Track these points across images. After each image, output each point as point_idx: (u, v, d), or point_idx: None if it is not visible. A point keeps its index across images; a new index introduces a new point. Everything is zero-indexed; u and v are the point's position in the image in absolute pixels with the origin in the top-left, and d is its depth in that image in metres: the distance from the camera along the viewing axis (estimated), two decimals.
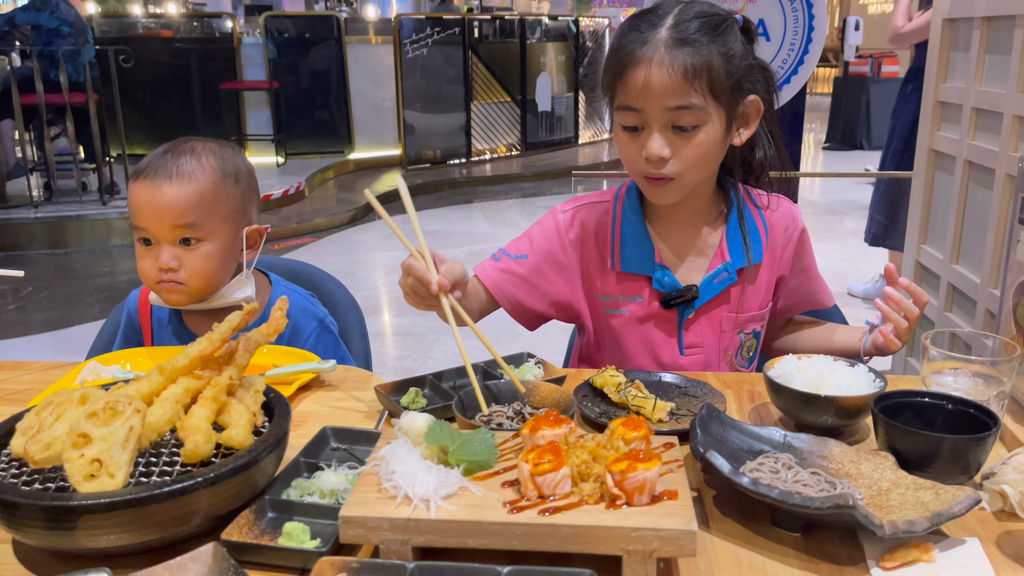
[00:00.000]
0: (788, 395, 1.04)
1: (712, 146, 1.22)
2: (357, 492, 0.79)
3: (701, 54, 1.16)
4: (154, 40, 7.99)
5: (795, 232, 1.39)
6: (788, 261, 1.39)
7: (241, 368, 0.92)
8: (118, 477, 0.76)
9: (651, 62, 1.16)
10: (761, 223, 1.36)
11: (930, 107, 1.95)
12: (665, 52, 1.16)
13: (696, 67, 1.16)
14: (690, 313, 1.34)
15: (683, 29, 1.17)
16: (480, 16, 9.08)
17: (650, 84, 1.16)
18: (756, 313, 1.37)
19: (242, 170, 1.39)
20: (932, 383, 1.05)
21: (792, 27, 2.09)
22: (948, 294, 1.86)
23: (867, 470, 0.90)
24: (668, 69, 1.15)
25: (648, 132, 1.20)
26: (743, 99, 1.23)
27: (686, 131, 1.19)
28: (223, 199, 1.34)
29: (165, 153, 1.33)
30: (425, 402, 1.11)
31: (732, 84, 1.19)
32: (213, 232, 1.32)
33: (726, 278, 1.33)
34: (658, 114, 1.18)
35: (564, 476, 0.79)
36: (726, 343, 1.36)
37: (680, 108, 1.17)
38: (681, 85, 1.16)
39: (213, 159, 1.34)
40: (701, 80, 1.16)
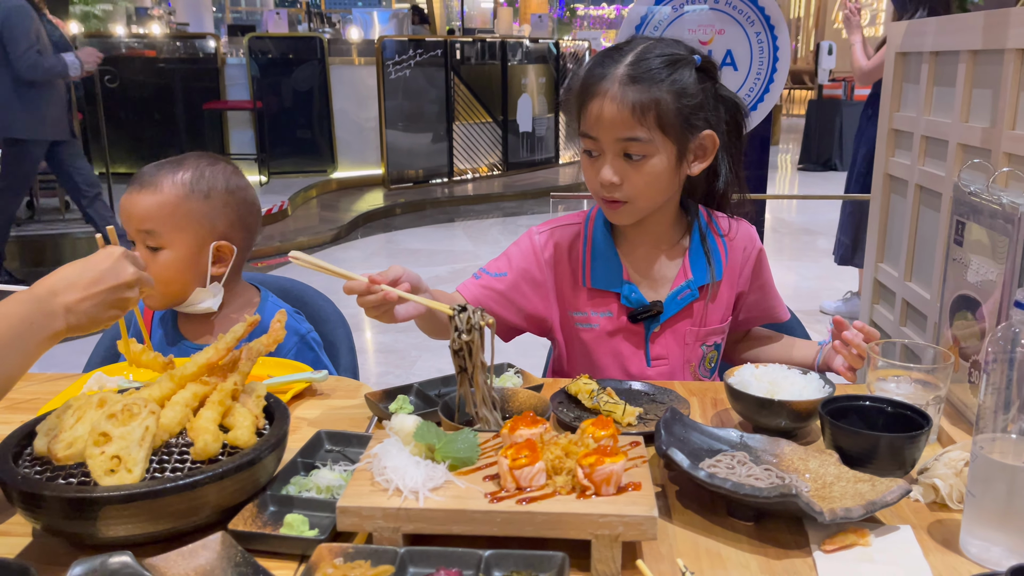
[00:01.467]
0: (746, 400, 1.13)
1: (660, 175, 1.32)
2: (352, 485, 0.88)
3: (651, 92, 1.27)
4: (138, 60, 8.06)
5: (753, 252, 1.50)
6: (747, 279, 1.50)
7: (244, 375, 1.00)
8: (136, 472, 0.84)
9: (605, 96, 1.29)
10: (722, 244, 1.46)
11: (885, 134, 2.07)
12: (618, 88, 1.28)
13: (644, 104, 1.27)
14: (655, 327, 1.43)
15: (639, 67, 1.29)
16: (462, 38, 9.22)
17: (602, 116, 1.29)
18: (717, 327, 1.47)
19: (216, 188, 1.43)
20: (876, 389, 1.15)
21: (758, 57, 2.21)
22: (902, 309, 1.97)
23: (814, 466, 1.00)
24: (619, 104, 1.27)
25: (603, 159, 1.32)
26: (696, 134, 1.33)
27: (635, 160, 1.30)
28: (184, 212, 1.40)
29: (151, 168, 1.44)
30: (412, 409, 1.20)
31: (682, 120, 1.30)
32: (172, 241, 1.40)
33: (689, 295, 1.43)
34: (610, 143, 1.30)
35: (539, 470, 0.87)
36: (689, 355, 1.46)
37: (628, 140, 1.29)
38: (629, 119, 1.28)
39: (189, 174, 1.41)
40: (648, 116, 1.28)
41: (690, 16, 2.28)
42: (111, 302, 1.01)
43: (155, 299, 1.44)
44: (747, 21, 2.21)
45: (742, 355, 1.59)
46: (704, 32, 2.25)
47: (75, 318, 0.98)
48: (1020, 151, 1.51)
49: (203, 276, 1.47)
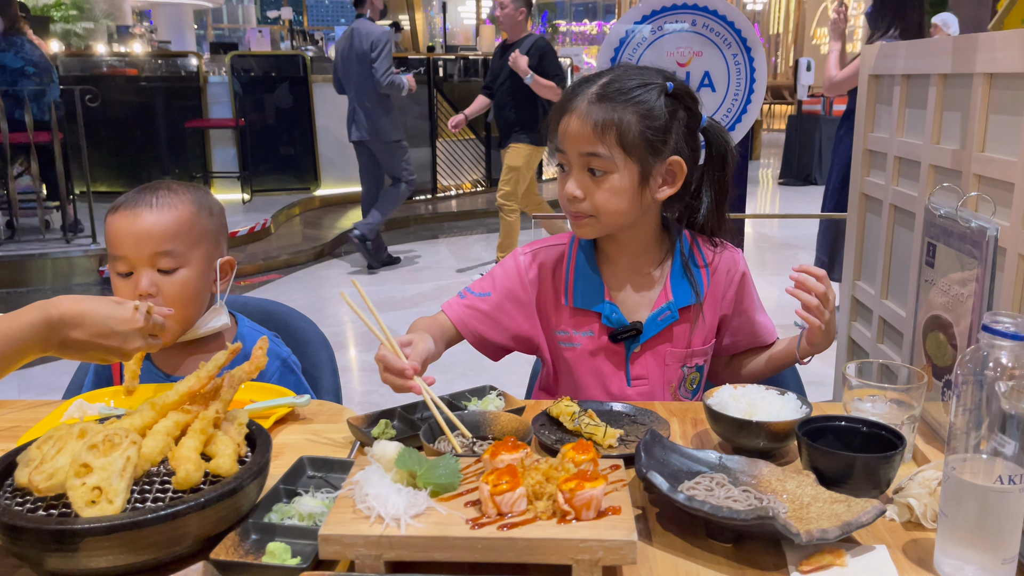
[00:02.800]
0: (724, 421, 1.15)
1: (622, 192, 1.34)
2: (334, 513, 0.88)
3: (615, 111, 1.32)
4: (119, 79, 8.05)
5: (736, 276, 1.51)
6: (730, 302, 1.51)
7: (226, 403, 1.01)
8: (117, 503, 0.84)
9: (574, 113, 1.35)
10: (704, 267, 1.48)
11: (860, 154, 2.11)
12: (586, 106, 1.34)
13: (606, 122, 1.32)
14: (636, 347, 1.45)
15: (608, 87, 1.34)
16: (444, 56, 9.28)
17: (568, 131, 1.35)
18: (698, 349, 1.48)
19: (214, 206, 1.49)
20: (852, 409, 1.16)
21: (735, 79, 2.24)
22: (879, 327, 2.00)
23: (791, 487, 1.01)
24: (583, 120, 1.33)
25: (568, 172, 1.38)
26: (662, 158, 1.35)
27: (596, 175, 1.35)
28: (199, 229, 1.42)
29: (143, 190, 1.42)
30: (395, 433, 1.20)
31: (644, 141, 1.32)
32: (189, 259, 1.40)
33: (669, 316, 1.45)
34: (575, 157, 1.36)
35: (520, 495, 0.88)
36: (670, 376, 1.47)
37: (590, 155, 1.34)
38: (590, 135, 1.33)
39: (189, 194, 1.44)
40: (609, 134, 1.32)
41: (669, 38, 2.32)
42: (100, 355, 1.12)
43: (170, 330, 1.39)
44: (724, 43, 2.25)
45: (729, 376, 1.60)
46: (682, 54, 2.28)
47: (67, 349, 1.08)
48: (989, 172, 1.55)
49: (211, 295, 1.48)
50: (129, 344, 1.11)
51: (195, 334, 1.47)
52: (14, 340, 1.01)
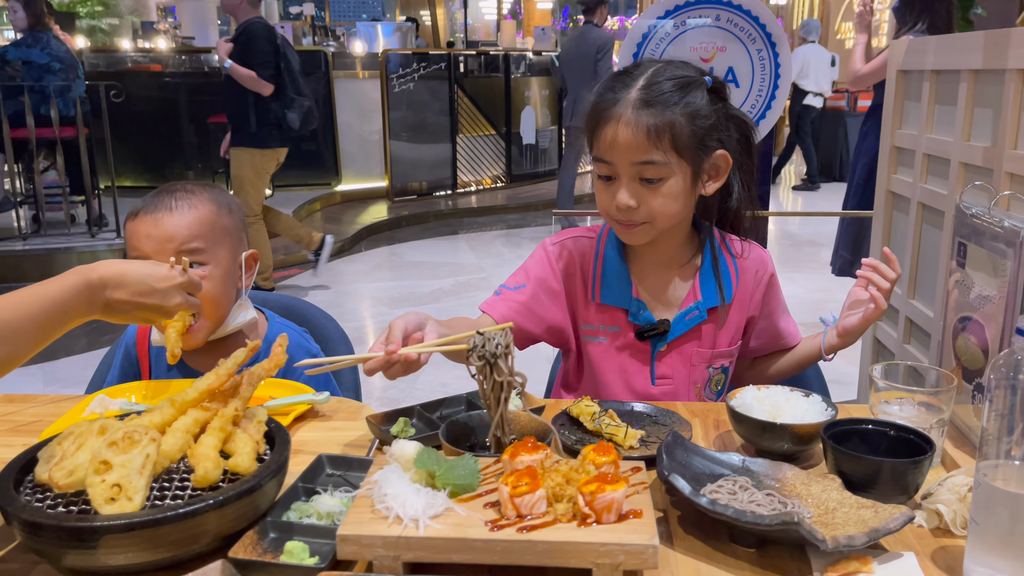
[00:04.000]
0: (748, 423, 1.13)
1: (677, 196, 1.33)
2: (353, 513, 0.88)
3: (665, 115, 1.28)
4: (143, 74, 8.11)
5: (764, 276, 1.50)
6: (758, 303, 1.49)
7: (245, 400, 1.00)
8: (136, 500, 0.84)
9: (619, 120, 1.29)
10: (733, 267, 1.46)
11: (887, 151, 2.07)
12: (632, 113, 1.28)
13: (659, 127, 1.28)
14: (662, 346, 1.44)
15: (652, 91, 1.29)
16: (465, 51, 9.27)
17: (617, 141, 1.29)
18: (725, 350, 1.47)
19: (232, 203, 1.49)
20: (880, 412, 1.14)
21: (760, 74, 2.21)
22: (906, 327, 1.97)
23: (816, 491, 1.00)
24: (633, 128, 1.28)
25: (618, 183, 1.33)
26: (710, 154, 1.34)
27: (652, 183, 1.31)
28: (220, 227, 1.43)
29: (159, 194, 1.42)
30: (414, 431, 1.20)
31: (696, 141, 1.31)
32: (215, 257, 1.41)
33: (697, 316, 1.43)
34: (626, 167, 1.31)
35: (540, 497, 0.87)
36: (696, 376, 1.46)
37: (644, 163, 1.29)
38: (644, 143, 1.28)
39: (206, 193, 1.44)
40: (663, 139, 1.28)
41: (692, 33, 2.29)
42: (145, 316, 1.13)
43: (202, 329, 1.42)
44: (748, 38, 2.22)
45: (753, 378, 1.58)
46: (706, 49, 2.26)
47: (110, 311, 1.09)
48: (1022, 171, 1.51)
49: (238, 291, 1.49)
50: (169, 300, 1.13)
51: (224, 331, 1.47)
52: (57, 303, 1.02)
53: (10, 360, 0.99)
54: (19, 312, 1.00)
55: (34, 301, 1.01)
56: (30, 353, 1.03)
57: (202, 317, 1.41)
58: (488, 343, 1.06)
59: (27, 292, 1.02)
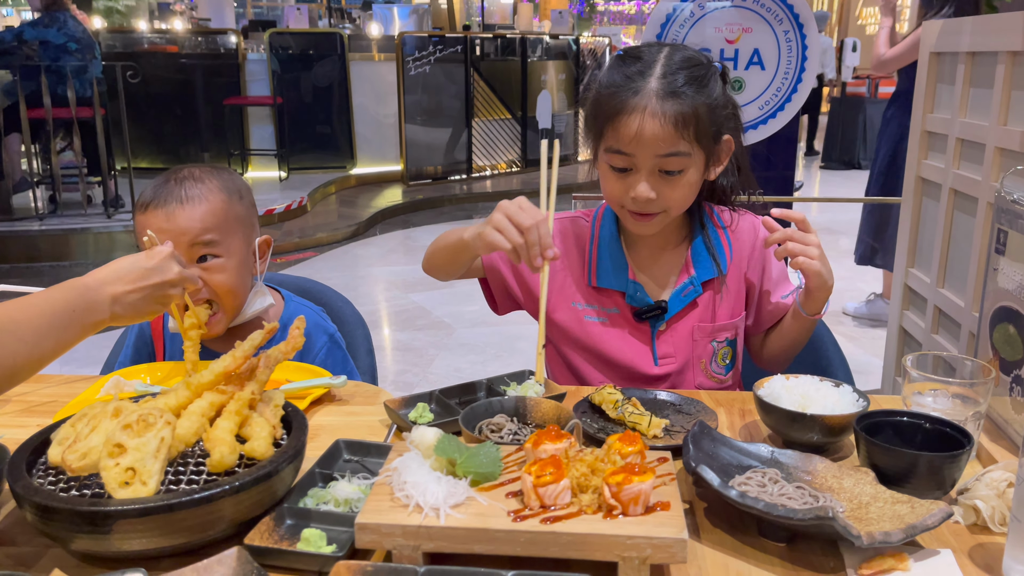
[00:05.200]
0: (776, 413, 1.10)
1: (693, 185, 1.33)
2: (371, 501, 0.85)
3: (689, 105, 1.25)
4: (160, 55, 8.09)
5: (757, 240, 1.48)
6: (756, 269, 1.47)
7: (262, 383, 0.98)
8: (150, 485, 0.82)
9: (644, 112, 1.25)
10: (725, 238, 1.46)
11: (918, 136, 2.02)
12: (657, 103, 1.25)
13: (685, 117, 1.25)
14: (661, 325, 1.43)
15: (672, 80, 1.26)
16: (482, 34, 9.19)
17: (643, 133, 1.25)
18: (727, 322, 1.45)
19: (243, 187, 1.46)
20: (913, 403, 1.11)
21: (786, 56, 2.16)
22: (934, 316, 1.92)
23: (848, 485, 0.96)
24: (660, 120, 1.24)
25: (636, 175, 1.30)
26: (720, 141, 1.34)
27: (672, 174, 1.29)
28: (233, 215, 1.40)
29: (167, 182, 1.38)
30: (432, 417, 1.17)
31: (714, 130, 1.30)
32: (229, 247, 1.38)
33: (692, 291, 1.43)
34: (648, 160, 1.28)
35: (564, 487, 0.84)
36: (700, 351, 1.45)
37: (669, 155, 1.27)
38: (672, 134, 1.25)
39: (216, 180, 1.40)
40: (689, 129, 1.26)
41: (717, 14, 2.24)
42: (155, 298, 1.11)
43: (221, 321, 1.41)
44: (775, 19, 2.17)
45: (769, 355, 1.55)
46: (731, 31, 2.20)
47: (120, 308, 1.07)
48: None
49: (252, 277, 1.47)
50: (168, 273, 1.11)
51: (243, 318, 1.45)
52: (61, 303, 1.00)
53: (32, 363, 0.96)
54: (30, 312, 0.97)
55: (40, 303, 0.99)
56: (49, 356, 1.00)
57: (219, 308, 1.39)
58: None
59: (28, 298, 1.00)
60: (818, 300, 1.36)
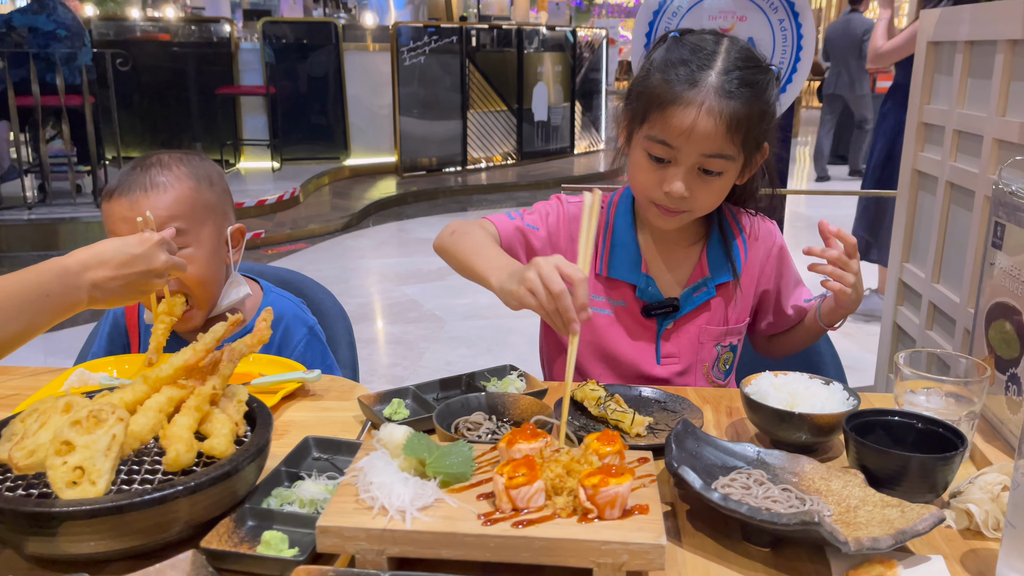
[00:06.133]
0: (763, 412, 1.06)
1: (726, 189, 1.28)
2: (335, 502, 0.81)
3: (745, 108, 1.19)
4: (152, 44, 8.02)
5: (775, 248, 1.44)
6: (770, 277, 1.43)
7: (225, 378, 0.94)
8: (100, 484, 0.78)
9: (701, 107, 1.18)
10: (741, 241, 1.40)
11: (914, 128, 1.98)
12: (716, 100, 1.18)
13: (739, 120, 1.19)
14: (669, 324, 1.38)
15: (733, 79, 1.20)
16: (478, 25, 9.12)
17: (695, 130, 1.19)
18: (735, 327, 1.41)
19: (213, 174, 1.40)
20: (905, 402, 1.07)
21: (781, 45, 2.11)
22: (929, 312, 1.88)
23: (837, 487, 0.92)
24: (716, 118, 1.18)
25: (675, 169, 1.24)
26: (760, 147, 1.28)
27: (711, 175, 1.23)
28: (202, 203, 1.34)
29: (134, 169, 1.33)
30: (408, 413, 1.13)
31: (761, 136, 1.25)
32: (198, 236, 1.33)
33: (705, 292, 1.37)
34: (691, 157, 1.22)
35: (538, 489, 0.80)
36: (704, 355, 1.40)
37: (714, 156, 1.21)
38: (723, 135, 1.19)
39: (184, 167, 1.34)
40: (740, 133, 1.20)
41: (710, 3, 2.19)
42: (136, 286, 1.06)
43: (196, 315, 1.36)
44: (770, 7, 2.12)
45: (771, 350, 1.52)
46: (725, 19, 2.16)
47: (99, 294, 1.03)
48: None
49: (226, 267, 1.42)
50: (155, 261, 1.07)
51: (218, 310, 1.41)
52: (35, 285, 0.97)
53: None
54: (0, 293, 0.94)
55: (11, 284, 0.96)
56: (17, 340, 0.98)
57: (193, 304, 1.34)
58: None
59: (3, 278, 0.97)
60: (838, 314, 1.34)
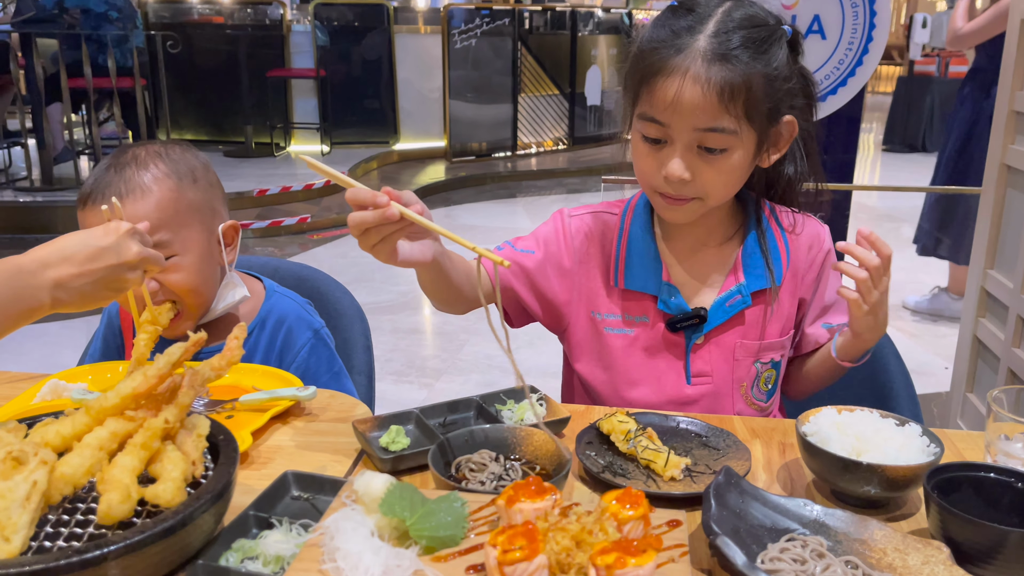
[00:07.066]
0: (823, 458, 0.89)
1: (738, 170, 1.10)
2: (295, 570, 0.67)
3: (742, 72, 1.02)
4: (207, 26, 8.03)
5: (820, 254, 1.25)
6: (810, 286, 1.25)
7: (183, 408, 0.80)
8: (15, 542, 0.65)
9: (685, 75, 1.03)
10: (783, 243, 1.22)
11: (1003, 118, 1.75)
12: (702, 65, 1.02)
13: (734, 87, 1.02)
14: (698, 338, 1.21)
15: (725, 40, 1.03)
16: (531, 7, 8.92)
17: (681, 100, 1.03)
18: (775, 341, 1.23)
19: (197, 167, 1.26)
20: (998, 450, 0.89)
21: (851, 24, 1.90)
22: (1017, 327, 1.67)
23: (915, 563, 0.75)
24: (703, 86, 1.02)
25: (671, 149, 1.08)
26: (779, 120, 1.10)
27: (712, 153, 1.06)
28: (185, 205, 1.22)
29: (108, 169, 1.20)
30: (407, 443, 0.99)
31: (771, 106, 1.06)
32: (184, 242, 1.20)
33: (739, 301, 1.20)
34: (684, 132, 1.06)
35: (539, 566, 0.65)
36: (741, 373, 1.22)
37: (710, 130, 1.04)
38: (715, 106, 1.03)
39: (162, 163, 1.21)
40: (737, 102, 1.03)
41: None
42: (107, 282, 0.93)
43: (186, 321, 1.25)
44: None
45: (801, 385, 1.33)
46: None
47: (64, 294, 0.89)
48: None
49: (220, 269, 1.29)
50: (126, 254, 0.93)
51: (213, 314, 1.29)
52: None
53: None
54: None
55: None
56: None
57: (183, 308, 1.22)
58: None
59: None
60: (856, 348, 1.15)
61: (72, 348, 3.80)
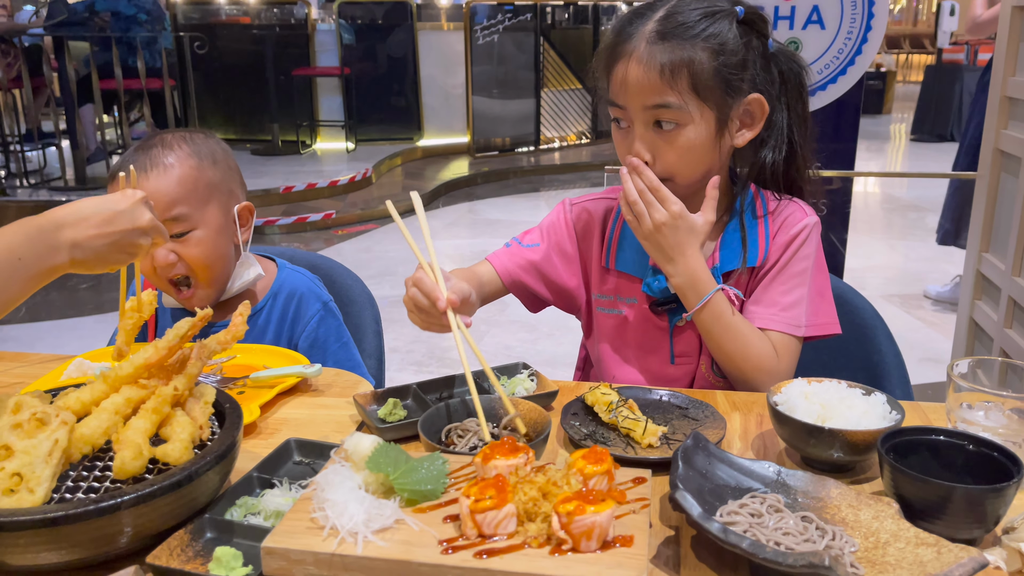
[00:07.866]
0: (790, 425, 0.94)
1: (697, 147, 1.15)
2: (287, 521, 0.74)
3: (682, 50, 1.10)
4: (234, 27, 8.17)
5: (798, 239, 1.24)
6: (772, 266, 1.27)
7: (192, 377, 0.88)
8: (38, 493, 0.73)
9: (630, 57, 1.12)
10: (763, 225, 1.26)
11: (997, 103, 1.78)
12: (645, 47, 1.11)
13: (674, 64, 1.10)
14: (679, 320, 1.26)
15: (669, 22, 1.11)
16: (554, 2, 8.95)
17: (628, 81, 1.13)
18: None
19: (217, 151, 1.36)
20: (957, 418, 0.93)
21: (849, 14, 1.93)
22: (1008, 309, 1.70)
23: (866, 518, 0.80)
24: (645, 66, 1.11)
25: (630, 130, 1.17)
26: (740, 98, 1.15)
27: (666, 130, 1.13)
28: (205, 183, 1.32)
29: (136, 150, 1.31)
30: (404, 415, 1.06)
31: (722, 82, 1.12)
32: (202, 218, 1.30)
33: None
34: (638, 112, 1.14)
35: (508, 514, 0.72)
36: (705, 353, 1.27)
37: (658, 107, 1.12)
38: (657, 83, 1.10)
39: (187, 145, 1.32)
40: (680, 78, 1.10)
41: None
42: (122, 245, 0.97)
43: (204, 295, 1.34)
44: None
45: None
46: None
47: (81, 254, 0.93)
48: None
49: (236, 247, 1.38)
50: (140, 219, 0.98)
51: (230, 292, 1.38)
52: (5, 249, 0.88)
53: None
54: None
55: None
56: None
57: (196, 283, 1.31)
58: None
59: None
60: (677, 287, 1.19)
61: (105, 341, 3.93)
